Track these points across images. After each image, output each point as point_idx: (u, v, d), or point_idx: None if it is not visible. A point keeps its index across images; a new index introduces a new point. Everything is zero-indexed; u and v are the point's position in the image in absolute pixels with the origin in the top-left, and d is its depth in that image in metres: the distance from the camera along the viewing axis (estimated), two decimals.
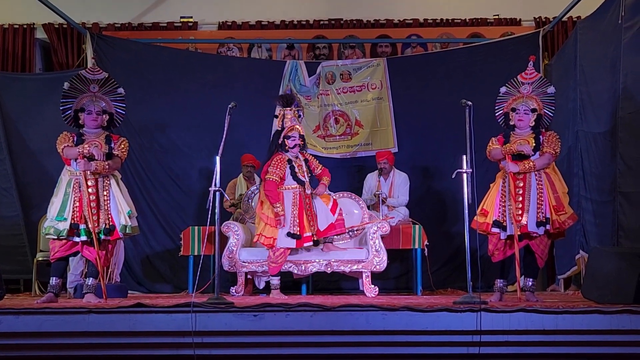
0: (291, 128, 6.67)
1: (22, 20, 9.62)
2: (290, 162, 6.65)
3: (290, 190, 6.63)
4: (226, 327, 4.56)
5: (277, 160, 6.62)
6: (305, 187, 6.66)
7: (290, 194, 6.62)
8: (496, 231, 5.74)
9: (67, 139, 5.74)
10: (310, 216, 6.64)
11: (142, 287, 8.61)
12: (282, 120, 6.74)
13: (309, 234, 6.57)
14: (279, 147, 6.69)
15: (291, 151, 6.68)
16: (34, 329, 4.53)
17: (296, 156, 6.72)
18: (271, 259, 6.62)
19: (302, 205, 6.61)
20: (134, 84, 8.29)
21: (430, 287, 7.93)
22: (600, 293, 5.08)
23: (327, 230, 6.70)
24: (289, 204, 6.59)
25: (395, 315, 4.56)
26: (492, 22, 9.67)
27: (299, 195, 6.62)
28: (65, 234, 5.62)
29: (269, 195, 6.55)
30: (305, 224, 6.56)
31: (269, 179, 6.56)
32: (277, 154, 6.68)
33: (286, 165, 6.62)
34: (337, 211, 6.79)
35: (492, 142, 5.88)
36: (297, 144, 6.68)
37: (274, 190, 6.55)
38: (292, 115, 6.77)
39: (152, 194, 8.87)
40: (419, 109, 9.08)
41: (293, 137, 6.66)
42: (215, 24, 9.79)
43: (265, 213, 6.60)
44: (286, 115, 6.73)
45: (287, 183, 6.63)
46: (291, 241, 6.54)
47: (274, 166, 6.59)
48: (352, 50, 9.76)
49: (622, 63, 6.50)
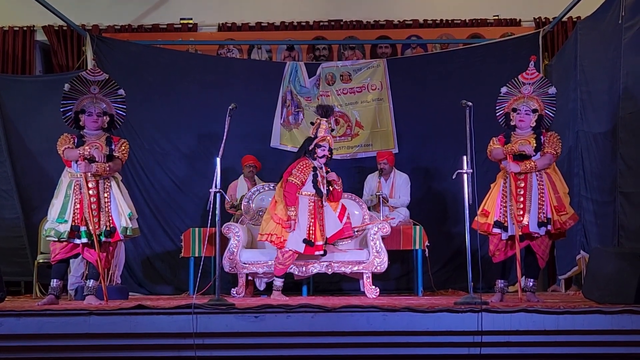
0: (323, 138, 6.71)
1: (22, 22, 9.62)
2: (314, 170, 6.68)
3: (307, 197, 6.65)
4: (227, 328, 4.56)
5: (303, 165, 6.65)
6: (322, 198, 6.70)
7: (306, 200, 6.64)
8: (497, 232, 5.74)
9: (67, 141, 5.73)
10: (322, 226, 6.69)
11: (143, 289, 8.61)
12: (317, 129, 6.78)
13: (321, 243, 6.61)
14: (308, 153, 6.73)
15: (319, 160, 6.72)
16: (35, 331, 4.53)
17: (321, 167, 6.75)
18: (279, 260, 6.64)
19: (316, 214, 6.64)
20: (134, 85, 8.28)
21: (431, 287, 7.93)
22: (601, 293, 5.08)
23: (335, 235, 6.76)
24: (304, 210, 6.61)
25: (396, 316, 4.56)
26: (492, 22, 9.67)
27: (314, 203, 6.66)
28: (65, 235, 5.61)
29: (287, 197, 6.57)
30: (318, 233, 6.60)
31: (292, 181, 6.59)
32: (304, 159, 6.71)
33: (310, 172, 6.65)
34: (345, 215, 6.84)
35: (493, 142, 5.87)
36: (326, 155, 6.72)
37: (293, 194, 6.57)
38: (327, 127, 6.81)
39: (152, 196, 8.87)
40: (419, 109, 9.07)
41: (324, 147, 6.70)
42: (215, 25, 9.80)
43: (278, 214, 6.62)
44: (322, 124, 6.78)
45: (305, 189, 6.65)
46: (301, 245, 6.55)
47: (299, 170, 6.62)
48: (352, 51, 9.76)
49: (622, 63, 6.50)
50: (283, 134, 9.11)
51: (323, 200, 6.74)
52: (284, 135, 9.12)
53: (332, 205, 6.82)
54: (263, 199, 7.56)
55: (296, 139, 9.01)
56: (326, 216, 6.76)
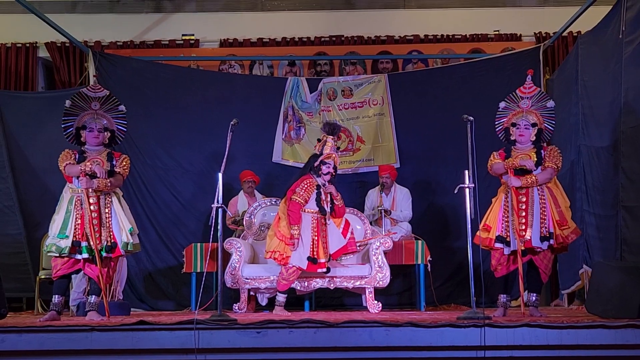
0: (329, 156, 6.70)
1: (24, 39, 9.67)
2: (318, 188, 6.67)
3: (310, 214, 6.62)
4: (229, 344, 4.54)
5: (307, 184, 6.64)
6: (326, 216, 6.68)
7: (309, 218, 6.62)
8: (499, 246, 5.72)
9: (69, 157, 5.74)
10: (325, 243, 6.65)
11: (145, 305, 8.59)
12: (323, 146, 6.77)
13: (324, 261, 6.56)
14: (313, 170, 6.71)
15: (323, 177, 6.69)
16: (37, 347, 4.51)
17: (324, 184, 6.73)
18: (283, 276, 6.61)
19: (319, 232, 6.61)
20: (136, 101, 8.31)
21: (434, 302, 7.91)
22: (604, 308, 5.07)
23: (339, 251, 6.75)
24: (307, 227, 6.59)
25: (399, 331, 4.54)
26: (493, 37, 9.70)
27: (317, 220, 6.63)
28: (67, 251, 5.60)
29: (291, 216, 6.55)
30: (321, 250, 6.56)
31: (295, 200, 6.57)
32: (308, 177, 6.70)
33: (314, 191, 6.64)
34: (349, 231, 6.84)
35: (494, 157, 5.87)
36: (330, 172, 6.70)
37: (297, 212, 6.55)
38: (333, 145, 6.79)
39: (154, 211, 8.87)
40: (421, 124, 9.09)
41: (329, 164, 6.68)
42: (217, 41, 9.84)
43: (281, 231, 6.58)
44: (328, 142, 6.76)
45: (308, 206, 6.63)
46: (305, 262, 6.51)
47: (303, 189, 6.61)
48: (353, 66, 9.79)
49: (623, 77, 6.51)
50: (285, 149, 9.12)
51: (327, 218, 6.72)
52: (286, 151, 9.12)
53: (336, 222, 6.81)
54: (265, 214, 7.55)
55: (298, 154, 9.03)
56: (330, 233, 6.74)
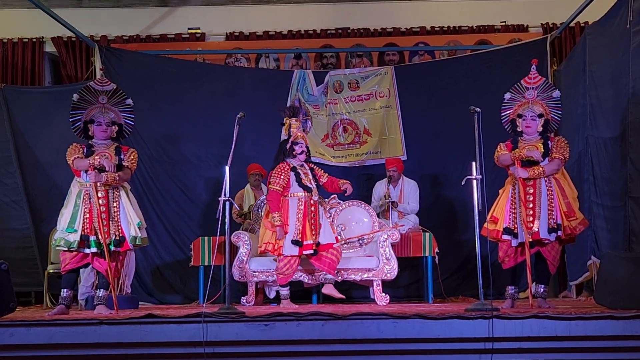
0: (297, 136, 6.69)
1: (31, 34, 9.69)
2: (295, 170, 6.64)
3: (296, 197, 6.58)
4: (237, 337, 4.55)
5: (278, 169, 6.63)
6: (312, 193, 6.62)
7: (296, 201, 6.58)
8: (507, 238, 5.71)
9: (77, 151, 5.75)
10: (314, 225, 6.59)
11: (153, 298, 8.62)
12: (289, 129, 6.76)
13: (310, 242, 6.47)
14: (286, 154, 6.69)
15: (298, 157, 6.67)
16: (46, 340, 4.53)
17: (301, 164, 6.71)
18: (278, 270, 6.56)
19: (306, 213, 6.54)
20: (142, 95, 8.32)
21: (442, 294, 7.91)
22: (612, 299, 5.05)
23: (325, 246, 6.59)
24: (293, 211, 6.55)
25: (407, 323, 4.54)
26: (499, 28, 9.67)
27: (304, 202, 6.57)
28: (75, 245, 5.61)
29: (269, 205, 6.56)
30: (307, 231, 6.48)
31: (272, 188, 6.58)
32: (281, 163, 6.68)
33: (289, 174, 6.61)
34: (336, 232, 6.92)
35: (500, 148, 5.85)
36: (304, 151, 6.69)
37: (274, 200, 6.55)
38: (298, 125, 6.79)
39: (161, 205, 8.89)
40: (427, 116, 9.07)
41: (300, 143, 6.67)
42: (223, 34, 9.83)
43: (270, 221, 6.59)
44: (292, 124, 6.75)
45: (292, 190, 6.59)
46: (295, 249, 6.47)
47: (275, 175, 6.60)
48: (360, 59, 9.77)
49: (630, 67, 6.48)
50: None
51: (313, 196, 6.61)
52: None
53: None
54: None
55: None
56: (320, 217, 6.68)
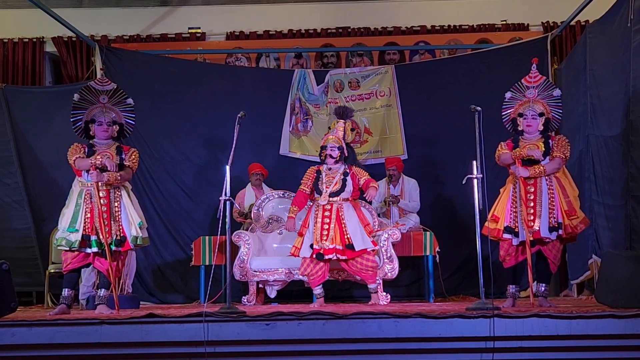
0: (326, 139, 6.62)
1: (31, 34, 9.69)
2: (319, 173, 6.59)
3: (315, 200, 6.55)
4: (238, 336, 4.55)
5: (307, 172, 6.68)
6: (322, 196, 6.46)
7: (315, 205, 6.55)
8: (508, 237, 5.70)
9: (78, 150, 5.75)
10: (328, 228, 6.37)
11: (154, 298, 8.62)
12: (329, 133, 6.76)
13: (328, 246, 6.32)
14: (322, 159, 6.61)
15: (328, 160, 6.55)
16: (47, 340, 4.53)
17: (329, 168, 6.57)
18: (301, 273, 6.59)
19: (317, 216, 6.44)
20: (143, 95, 8.31)
21: (443, 294, 7.91)
22: (613, 297, 5.05)
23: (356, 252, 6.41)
24: (311, 214, 6.53)
25: (408, 323, 4.54)
26: (500, 27, 9.67)
27: (320, 205, 6.45)
28: (77, 245, 5.61)
29: (293, 199, 6.65)
30: (317, 234, 6.37)
31: (299, 189, 6.62)
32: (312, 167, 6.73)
33: (314, 175, 6.59)
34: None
35: (501, 147, 5.84)
36: (329, 154, 6.51)
37: (297, 197, 6.63)
38: (337, 127, 6.65)
39: (162, 205, 8.89)
40: (428, 115, 9.07)
41: (329, 147, 6.53)
42: (223, 34, 9.83)
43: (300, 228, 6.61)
44: (332, 126, 6.77)
45: (316, 194, 6.57)
46: (309, 251, 6.42)
47: (305, 177, 6.65)
48: (360, 58, 9.77)
49: (631, 66, 6.47)
50: (292, 142, 9.12)
51: (321, 199, 6.46)
52: (293, 143, 9.12)
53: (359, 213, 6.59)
54: (273, 207, 7.57)
55: (305, 147, 9.03)
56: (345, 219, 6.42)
